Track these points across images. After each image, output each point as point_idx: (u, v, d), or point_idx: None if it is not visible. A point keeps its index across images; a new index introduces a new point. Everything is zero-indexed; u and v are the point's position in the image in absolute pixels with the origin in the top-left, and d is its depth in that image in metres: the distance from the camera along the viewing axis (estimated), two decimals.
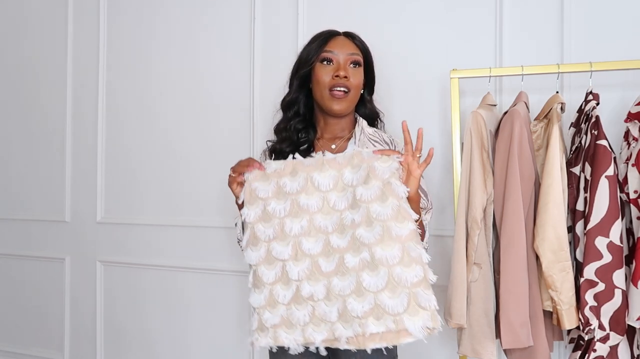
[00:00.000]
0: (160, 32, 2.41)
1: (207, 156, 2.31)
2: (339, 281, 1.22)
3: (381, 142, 1.46)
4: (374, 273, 1.18)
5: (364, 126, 1.48)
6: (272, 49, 2.20)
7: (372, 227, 1.20)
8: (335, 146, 1.47)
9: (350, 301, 1.20)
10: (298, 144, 1.46)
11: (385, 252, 1.18)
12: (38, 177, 2.67)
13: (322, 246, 1.25)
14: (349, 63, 1.42)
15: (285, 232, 1.27)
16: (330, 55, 1.42)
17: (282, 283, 1.27)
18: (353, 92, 1.42)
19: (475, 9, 1.90)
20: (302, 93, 1.48)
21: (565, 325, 1.46)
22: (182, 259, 2.34)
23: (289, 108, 1.50)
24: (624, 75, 1.63)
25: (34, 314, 2.69)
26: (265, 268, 1.28)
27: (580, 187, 1.49)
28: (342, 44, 1.43)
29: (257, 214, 1.29)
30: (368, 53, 1.48)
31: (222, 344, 2.28)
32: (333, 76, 1.39)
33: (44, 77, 2.66)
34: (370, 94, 1.54)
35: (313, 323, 1.24)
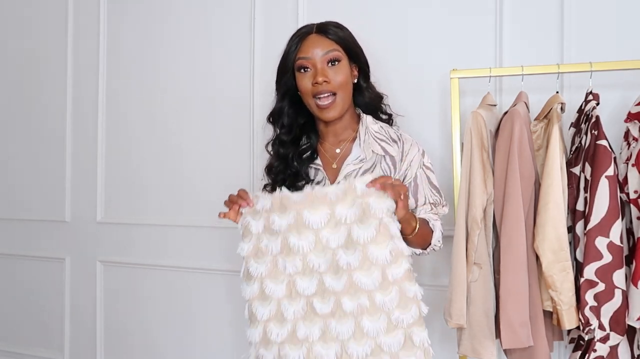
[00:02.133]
0: (160, 32, 2.41)
1: (207, 155, 2.31)
2: (337, 324, 1.20)
3: (388, 139, 1.39)
4: (374, 318, 1.18)
5: (368, 124, 1.41)
6: (272, 49, 2.19)
7: (370, 272, 1.17)
8: (340, 150, 1.42)
9: (350, 345, 1.19)
10: (298, 154, 1.40)
11: (385, 298, 1.17)
12: (38, 177, 2.67)
13: (317, 285, 1.21)
14: (326, 63, 1.33)
15: (278, 270, 1.24)
16: (305, 62, 1.34)
17: (276, 320, 1.24)
18: (340, 93, 1.34)
19: (476, 9, 1.90)
20: (285, 102, 1.42)
21: (565, 325, 1.46)
22: (183, 259, 2.34)
23: (274, 120, 1.45)
24: (624, 75, 1.63)
25: (34, 314, 2.69)
26: (260, 304, 1.25)
27: (580, 187, 1.49)
28: (314, 44, 1.34)
29: (249, 249, 1.26)
30: (347, 42, 1.37)
31: (222, 345, 2.28)
32: (312, 83, 1.32)
33: (44, 77, 2.66)
34: (367, 81, 1.44)
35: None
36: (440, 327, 1.92)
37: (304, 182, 1.37)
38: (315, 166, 1.41)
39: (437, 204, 1.42)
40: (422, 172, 1.40)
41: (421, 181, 1.40)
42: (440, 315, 1.82)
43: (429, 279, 1.93)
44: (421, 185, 1.39)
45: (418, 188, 1.39)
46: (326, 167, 1.41)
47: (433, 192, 1.41)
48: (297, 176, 1.38)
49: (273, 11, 2.20)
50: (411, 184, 1.39)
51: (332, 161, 1.41)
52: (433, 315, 1.93)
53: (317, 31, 1.37)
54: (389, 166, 1.37)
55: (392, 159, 1.38)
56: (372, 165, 1.37)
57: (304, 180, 1.38)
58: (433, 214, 1.40)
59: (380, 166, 1.36)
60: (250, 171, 2.21)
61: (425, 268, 1.92)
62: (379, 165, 1.37)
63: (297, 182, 1.37)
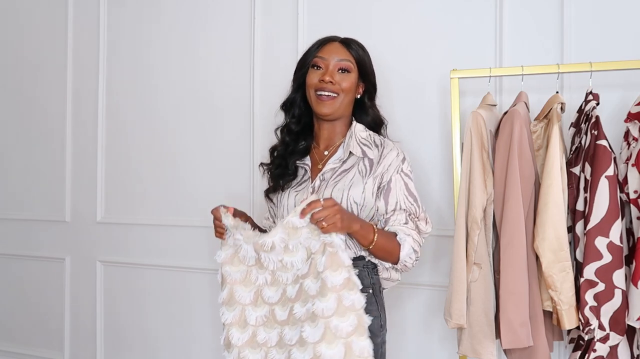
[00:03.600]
0: (160, 33, 2.41)
1: (207, 155, 2.31)
2: (289, 331, 1.27)
3: (371, 144, 1.46)
4: (313, 324, 1.21)
5: (356, 131, 1.48)
6: (272, 49, 2.20)
7: (317, 280, 1.24)
8: (328, 152, 1.50)
9: (293, 351, 1.24)
10: (294, 150, 1.50)
11: (322, 304, 1.20)
12: (38, 177, 2.67)
13: (279, 297, 1.31)
14: (337, 69, 1.44)
15: (250, 280, 1.34)
16: (320, 61, 1.45)
17: (238, 326, 1.34)
18: (342, 96, 1.44)
19: (476, 9, 1.90)
20: (298, 95, 1.52)
21: (565, 325, 1.46)
22: (182, 259, 2.34)
23: (287, 109, 1.55)
24: (624, 76, 1.63)
25: (34, 314, 2.69)
26: (226, 311, 1.36)
27: (580, 187, 1.49)
28: (334, 50, 1.46)
29: (227, 256, 1.38)
30: (363, 61, 1.49)
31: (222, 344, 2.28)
32: (319, 80, 1.43)
33: (44, 77, 2.66)
34: (371, 100, 1.54)
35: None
36: (440, 327, 1.92)
37: (292, 177, 1.48)
38: (303, 164, 1.50)
39: (413, 215, 1.41)
40: (400, 177, 1.42)
41: (395, 185, 1.41)
42: (440, 315, 1.82)
43: (428, 279, 1.93)
44: (394, 189, 1.40)
45: (390, 192, 1.40)
46: (313, 167, 1.49)
47: (409, 200, 1.41)
48: (286, 169, 1.49)
49: (273, 11, 2.20)
50: (384, 187, 1.41)
51: (319, 161, 1.50)
52: (433, 315, 1.94)
53: (341, 42, 1.49)
54: (366, 167, 1.42)
55: (370, 162, 1.43)
56: (351, 166, 1.43)
57: (291, 177, 1.48)
58: (406, 228, 1.38)
59: (357, 167, 1.42)
60: (250, 171, 2.22)
61: (425, 268, 1.92)
62: (356, 166, 1.43)
63: (285, 175, 1.48)
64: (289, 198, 1.46)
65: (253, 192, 2.20)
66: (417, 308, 1.96)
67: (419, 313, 1.96)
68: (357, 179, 1.40)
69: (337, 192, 1.39)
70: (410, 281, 1.89)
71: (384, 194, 1.40)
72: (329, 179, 1.43)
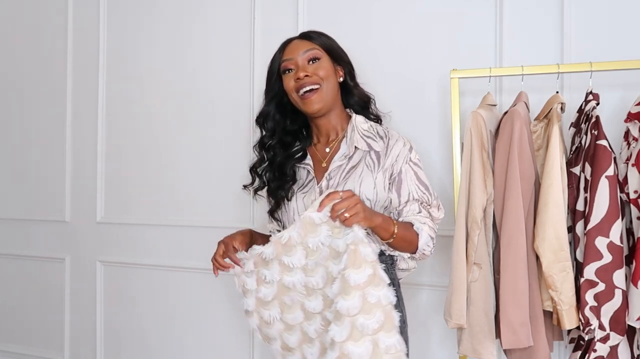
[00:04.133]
0: (160, 33, 2.41)
1: (208, 156, 2.31)
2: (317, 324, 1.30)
3: (375, 136, 1.42)
4: (339, 322, 1.18)
5: (357, 123, 1.44)
6: (272, 49, 2.19)
7: (336, 281, 1.21)
8: (330, 149, 1.46)
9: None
10: (287, 156, 1.47)
11: (347, 303, 1.16)
12: (38, 177, 2.67)
13: (323, 303, 1.28)
14: (307, 62, 1.41)
15: (286, 304, 1.34)
16: (288, 63, 1.42)
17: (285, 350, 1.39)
18: (324, 85, 1.40)
19: (475, 9, 1.90)
20: (272, 106, 1.49)
21: (565, 325, 1.46)
22: (182, 259, 2.34)
23: (262, 123, 1.52)
24: (624, 76, 1.63)
25: (34, 314, 2.69)
26: (288, 334, 1.37)
27: (581, 187, 1.48)
28: (295, 47, 1.43)
29: (253, 303, 1.38)
30: (328, 44, 1.45)
31: (222, 345, 2.28)
32: (295, 80, 1.40)
33: (44, 78, 2.66)
34: (353, 80, 1.50)
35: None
36: (440, 327, 1.92)
37: (291, 182, 1.43)
38: (304, 166, 1.45)
39: (425, 203, 1.39)
40: (409, 167, 1.39)
41: (406, 176, 1.38)
42: (440, 315, 1.82)
43: (428, 279, 1.93)
44: (405, 181, 1.38)
45: (402, 184, 1.38)
46: (316, 167, 1.45)
47: (421, 189, 1.39)
48: (283, 177, 1.44)
49: (273, 11, 2.20)
50: (395, 179, 1.38)
51: (322, 160, 1.45)
52: (433, 315, 1.94)
53: (300, 37, 1.47)
54: (373, 160, 1.38)
55: (376, 154, 1.39)
56: (358, 161, 1.39)
57: (290, 180, 1.43)
58: (421, 217, 1.36)
59: (365, 161, 1.38)
60: None
61: (425, 268, 1.92)
62: (363, 160, 1.38)
63: (285, 184, 1.43)
64: (297, 201, 1.42)
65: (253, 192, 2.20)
66: (417, 308, 1.96)
67: (419, 313, 1.96)
68: (366, 174, 1.36)
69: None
70: (410, 281, 1.88)
71: (396, 186, 1.37)
72: (337, 178, 1.38)
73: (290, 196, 1.42)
